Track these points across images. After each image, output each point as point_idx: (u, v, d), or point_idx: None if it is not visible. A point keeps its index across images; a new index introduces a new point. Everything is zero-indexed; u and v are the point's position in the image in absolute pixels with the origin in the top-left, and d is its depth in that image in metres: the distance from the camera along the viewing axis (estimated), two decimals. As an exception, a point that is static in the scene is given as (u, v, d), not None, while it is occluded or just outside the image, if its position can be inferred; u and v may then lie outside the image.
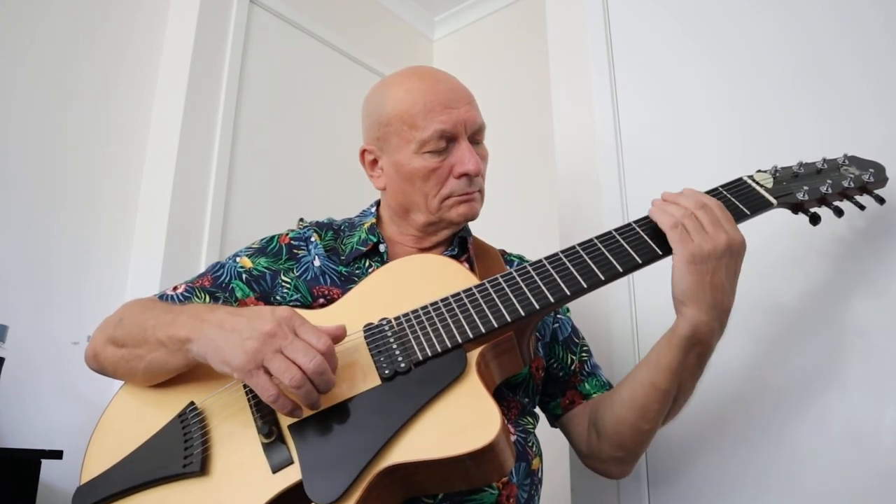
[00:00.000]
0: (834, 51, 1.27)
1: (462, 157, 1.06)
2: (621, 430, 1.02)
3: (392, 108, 1.07)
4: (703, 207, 0.92)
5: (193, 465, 0.84)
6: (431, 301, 0.93)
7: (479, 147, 1.11)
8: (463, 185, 1.07)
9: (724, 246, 0.89)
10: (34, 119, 1.77)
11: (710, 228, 0.90)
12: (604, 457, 1.07)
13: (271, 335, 0.80)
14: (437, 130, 1.04)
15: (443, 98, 1.06)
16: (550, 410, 1.15)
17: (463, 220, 1.10)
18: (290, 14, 2.30)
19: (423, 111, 1.05)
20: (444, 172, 1.06)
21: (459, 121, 1.05)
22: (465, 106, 1.07)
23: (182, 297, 1.04)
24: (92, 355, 1.00)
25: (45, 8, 1.83)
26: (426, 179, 1.06)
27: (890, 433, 1.08)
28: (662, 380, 0.95)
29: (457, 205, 1.08)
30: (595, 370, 1.17)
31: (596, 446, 1.07)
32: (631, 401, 1.00)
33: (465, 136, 1.07)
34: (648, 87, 1.52)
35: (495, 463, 0.82)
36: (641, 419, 0.99)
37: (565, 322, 1.19)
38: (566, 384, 1.14)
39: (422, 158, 1.06)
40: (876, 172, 1.01)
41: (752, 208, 0.98)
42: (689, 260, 0.89)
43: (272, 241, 1.13)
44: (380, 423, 0.82)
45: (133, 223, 1.92)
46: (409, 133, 1.06)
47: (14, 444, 1.57)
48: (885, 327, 1.11)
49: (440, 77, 1.10)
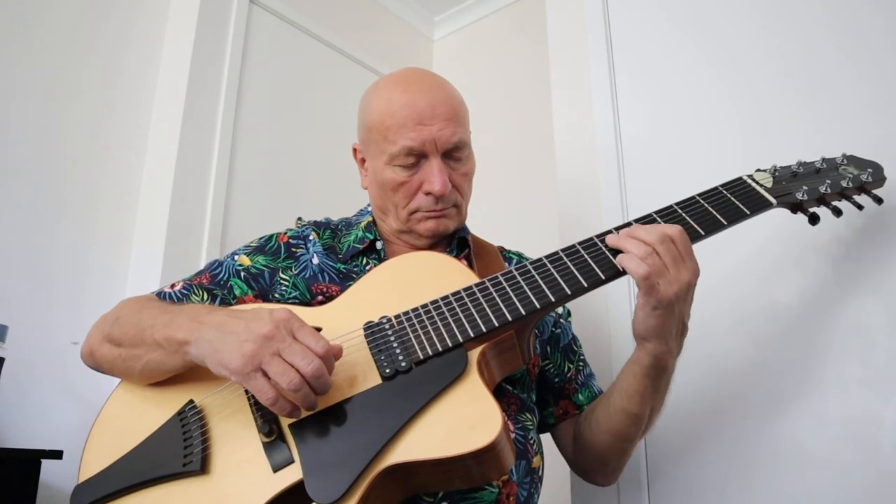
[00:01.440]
0: (833, 52, 1.27)
1: (429, 176, 1.05)
2: (600, 448, 1.06)
3: (371, 116, 1.08)
4: (664, 242, 0.90)
5: (193, 464, 0.84)
6: (432, 299, 0.93)
7: (460, 163, 1.09)
8: (430, 202, 1.06)
9: (686, 285, 0.90)
10: (34, 119, 1.76)
11: (672, 269, 0.89)
12: (587, 468, 1.13)
13: (269, 338, 0.80)
14: (404, 147, 1.04)
15: (416, 114, 1.04)
16: (543, 419, 1.16)
17: (431, 234, 1.09)
18: (290, 14, 2.30)
19: (395, 125, 1.04)
20: (413, 187, 1.06)
21: (429, 139, 1.04)
22: (441, 123, 1.04)
23: (180, 295, 1.04)
24: (88, 352, 0.99)
25: (46, 8, 1.83)
26: (395, 191, 1.07)
27: (890, 433, 1.08)
28: (633, 405, 0.98)
29: (424, 220, 1.08)
30: (588, 380, 1.18)
31: (580, 458, 1.11)
32: (607, 426, 1.04)
33: (435, 154, 1.05)
34: (648, 87, 1.53)
35: (496, 462, 0.82)
36: (620, 440, 1.04)
37: (566, 328, 1.19)
38: (560, 393, 1.15)
39: (392, 171, 1.06)
40: (874, 172, 1.01)
41: (751, 208, 0.98)
42: (654, 306, 0.89)
43: (271, 240, 1.13)
44: (381, 423, 0.82)
45: (133, 223, 1.92)
46: (383, 144, 1.06)
47: (14, 444, 1.56)
48: (885, 326, 1.11)
49: (425, 89, 1.07)
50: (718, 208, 0.97)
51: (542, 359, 1.15)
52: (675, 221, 0.96)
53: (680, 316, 0.91)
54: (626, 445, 1.05)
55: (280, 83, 2.22)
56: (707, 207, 0.98)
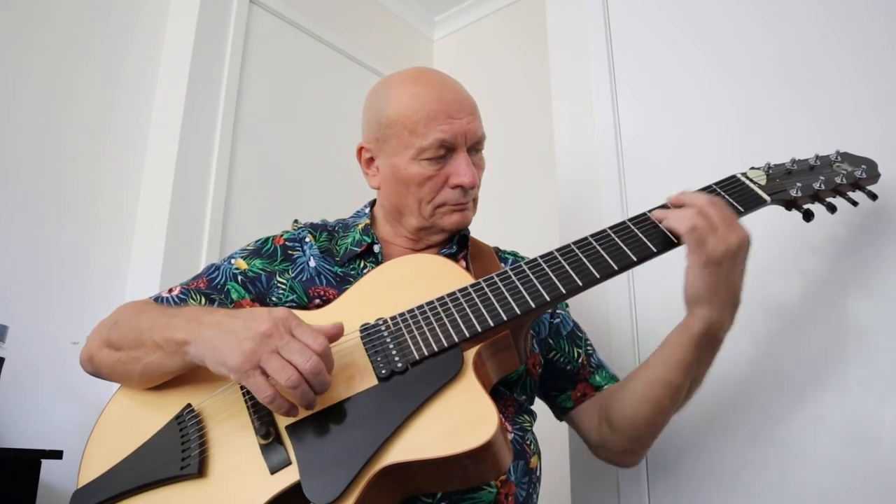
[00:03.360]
0: (833, 52, 1.27)
1: (459, 169, 1.06)
2: (636, 423, 1.04)
3: (395, 111, 1.07)
4: (711, 203, 0.92)
5: (191, 468, 0.84)
6: (427, 300, 0.93)
7: (477, 157, 1.11)
8: (457, 195, 1.07)
9: (736, 246, 0.90)
10: (34, 119, 1.77)
11: (721, 228, 0.90)
12: (618, 449, 1.09)
13: (267, 335, 0.80)
14: (437, 139, 1.04)
15: (447, 107, 1.05)
16: (559, 404, 1.15)
17: (455, 228, 1.10)
18: (290, 14, 2.30)
19: (426, 118, 1.04)
20: (440, 181, 1.07)
21: (460, 132, 1.05)
22: (468, 116, 1.07)
23: (177, 300, 1.05)
24: (87, 358, 1.00)
25: (46, 8, 1.83)
26: (421, 186, 1.07)
27: (890, 433, 1.08)
28: (676, 375, 0.97)
29: (449, 213, 1.09)
30: (602, 363, 1.18)
31: (609, 439, 1.08)
32: (644, 397, 1.01)
33: (463, 148, 1.06)
34: (648, 87, 1.52)
35: (493, 461, 0.82)
36: (656, 414, 1.01)
37: (566, 317, 1.19)
38: (576, 377, 1.15)
39: (419, 165, 1.06)
40: (868, 168, 1.01)
41: (745, 205, 0.98)
42: (703, 264, 0.89)
43: (267, 243, 1.13)
44: (377, 423, 0.82)
45: (133, 223, 1.92)
46: (409, 139, 1.06)
47: (14, 444, 1.57)
48: (885, 326, 1.11)
49: (446, 84, 1.10)
50: None
51: (550, 354, 1.15)
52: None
53: (731, 283, 0.91)
54: (661, 419, 1.03)
55: (280, 83, 2.22)
56: None
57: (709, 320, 0.92)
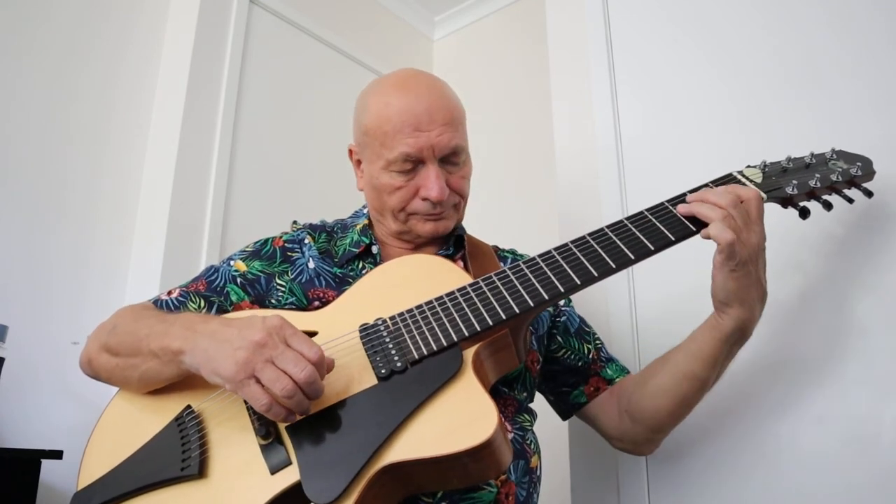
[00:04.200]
0: (833, 52, 1.27)
1: (427, 182, 1.04)
2: (660, 415, 1.05)
3: (369, 120, 1.07)
4: (736, 206, 0.92)
5: (191, 469, 0.84)
6: (426, 300, 0.93)
7: (456, 167, 1.09)
8: (427, 206, 1.06)
9: (757, 247, 0.91)
10: (34, 119, 1.77)
11: (744, 230, 0.90)
12: (640, 440, 1.11)
13: (261, 345, 0.80)
14: (401, 153, 1.03)
15: (414, 120, 1.03)
16: (572, 400, 1.16)
17: (430, 235, 1.10)
18: (290, 14, 2.30)
19: (392, 131, 1.04)
20: (410, 192, 1.06)
21: (426, 146, 1.03)
22: (439, 128, 1.04)
23: (177, 303, 1.05)
24: (86, 361, 1.00)
25: (46, 8, 1.83)
26: (391, 195, 1.07)
27: (890, 432, 1.08)
28: (704, 370, 0.99)
29: (423, 222, 1.08)
30: (612, 357, 1.19)
31: (631, 430, 1.10)
32: (668, 389, 1.03)
33: (433, 161, 1.05)
34: (648, 87, 1.52)
35: (493, 460, 0.82)
36: (680, 406, 1.04)
37: (571, 313, 1.20)
38: (587, 372, 1.15)
39: (389, 175, 1.06)
40: (863, 166, 1.02)
41: None
42: (731, 269, 0.90)
43: (266, 245, 1.13)
44: (377, 423, 0.82)
45: (133, 223, 1.92)
46: (380, 149, 1.06)
47: (14, 444, 1.57)
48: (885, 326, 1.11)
49: (423, 93, 1.06)
50: None
51: (556, 350, 1.15)
52: (664, 218, 0.96)
53: (758, 278, 0.93)
54: (685, 411, 1.05)
55: (280, 83, 2.22)
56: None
57: (741, 319, 0.94)
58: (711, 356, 0.97)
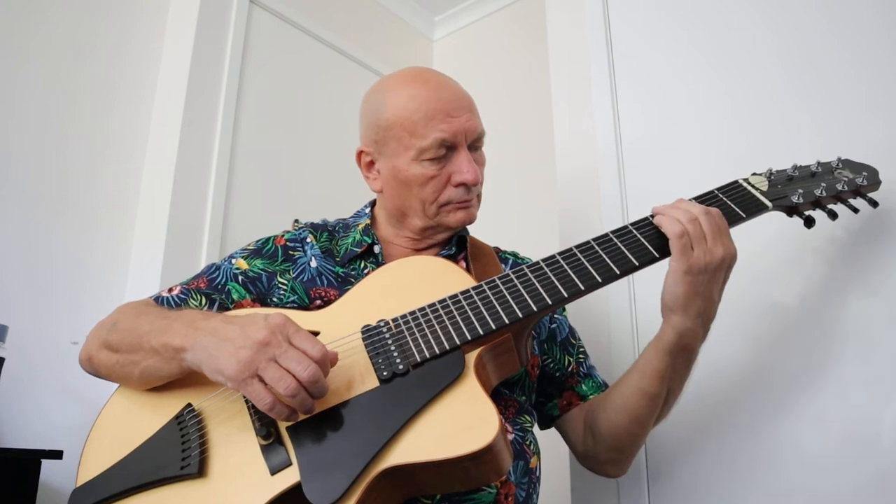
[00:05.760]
0: (833, 53, 1.27)
1: (461, 167, 1.06)
2: (616, 433, 1.04)
3: (392, 113, 1.07)
4: (706, 213, 0.93)
5: (191, 467, 0.84)
6: (429, 303, 0.93)
7: (478, 153, 1.11)
8: (461, 193, 1.07)
9: (720, 260, 0.91)
10: (34, 119, 1.77)
11: (710, 239, 0.91)
12: (602, 458, 1.09)
13: (265, 343, 0.80)
14: (437, 139, 1.04)
15: (445, 106, 1.05)
16: (546, 412, 1.15)
17: (460, 225, 1.10)
18: (290, 14, 2.30)
19: (425, 119, 1.04)
20: (443, 180, 1.06)
21: (460, 130, 1.05)
22: (467, 114, 1.07)
23: (178, 300, 1.04)
24: (86, 358, 0.99)
25: (46, 8, 1.83)
26: (424, 186, 1.06)
27: (890, 433, 1.08)
28: (651, 385, 0.98)
29: (454, 211, 1.09)
30: (591, 371, 1.17)
31: (592, 449, 1.09)
32: (622, 406, 1.02)
33: (464, 145, 1.06)
34: (648, 87, 1.52)
35: (494, 463, 0.82)
36: (634, 423, 1.02)
37: (563, 323, 1.19)
38: (563, 385, 1.15)
39: (420, 166, 1.06)
40: (869, 175, 1.02)
41: (747, 211, 0.98)
42: (685, 271, 0.90)
43: (268, 243, 1.13)
44: (378, 425, 0.82)
45: (133, 223, 1.92)
46: (409, 140, 1.05)
47: (14, 444, 1.57)
48: (885, 327, 1.11)
49: (443, 83, 1.09)
50: None
51: (542, 358, 1.14)
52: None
53: (708, 295, 0.92)
54: (640, 430, 1.03)
55: (280, 83, 2.22)
56: None
57: (680, 329, 0.93)
58: (658, 370, 0.97)
